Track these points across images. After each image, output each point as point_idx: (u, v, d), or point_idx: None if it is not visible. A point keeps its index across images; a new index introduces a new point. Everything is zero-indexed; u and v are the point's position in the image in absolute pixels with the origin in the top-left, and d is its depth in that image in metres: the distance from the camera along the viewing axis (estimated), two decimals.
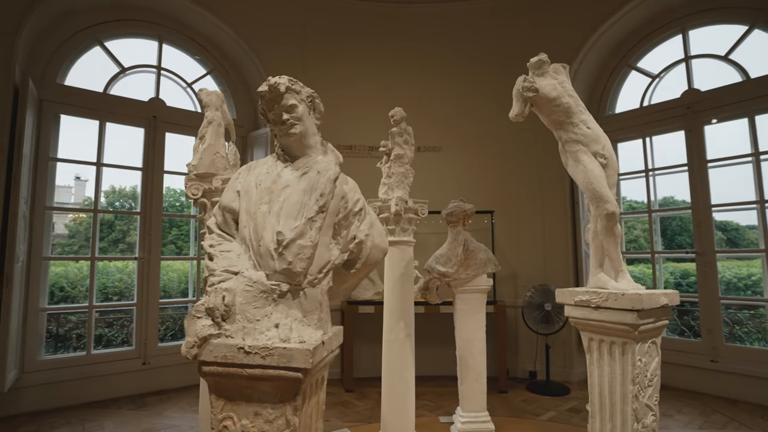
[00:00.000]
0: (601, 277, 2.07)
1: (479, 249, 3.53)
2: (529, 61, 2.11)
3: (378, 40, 6.22)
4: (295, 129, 1.42)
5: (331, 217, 1.40)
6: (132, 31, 5.33)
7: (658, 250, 5.73)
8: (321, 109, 1.56)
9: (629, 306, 1.81)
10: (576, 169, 2.03)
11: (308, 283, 1.32)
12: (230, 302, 1.27)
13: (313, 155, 1.46)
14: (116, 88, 5.25)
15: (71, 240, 12.11)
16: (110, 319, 7.16)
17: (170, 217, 9.44)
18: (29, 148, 4.44)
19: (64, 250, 13.07)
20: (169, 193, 10.19)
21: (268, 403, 1.25)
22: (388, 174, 2.65)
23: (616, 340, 1.91)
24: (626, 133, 5.84)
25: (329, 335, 1.37)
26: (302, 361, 1.19)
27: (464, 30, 6.24)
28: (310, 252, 1.30)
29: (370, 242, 1.44)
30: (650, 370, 1.93)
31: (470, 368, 3.41)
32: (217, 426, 1.27)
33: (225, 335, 1.26)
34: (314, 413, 1.38)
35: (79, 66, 5.00)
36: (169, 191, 9.83)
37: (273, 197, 1.36)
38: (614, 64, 5.95)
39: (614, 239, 2.04)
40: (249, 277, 1.30)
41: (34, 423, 4.25)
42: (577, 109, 2.05)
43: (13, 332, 4.22)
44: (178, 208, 10.04)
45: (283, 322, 1.28)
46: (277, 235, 1.30)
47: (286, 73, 5.17)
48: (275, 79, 1.42)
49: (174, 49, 5.64)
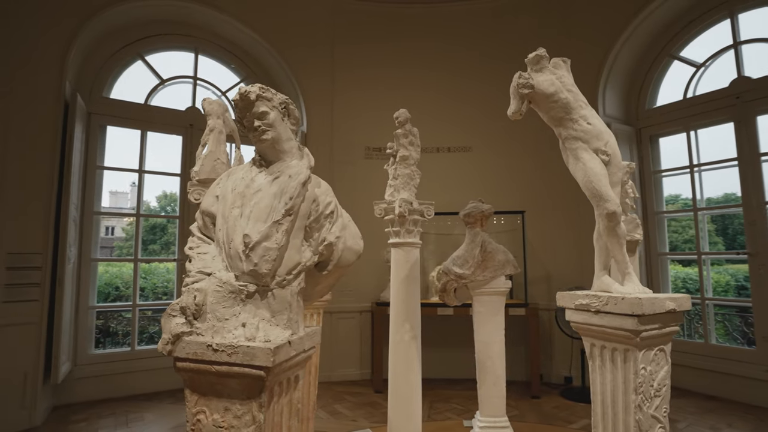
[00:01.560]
0: (605, 280, 1.97)
1: (497, 250, 3.45)
2: (526, 57, 2.04)
3: (406, 41, 6.23)
4: (267, 135, 1.46)
5: (302, 220, 1.44)
6: (170, 45, 5.64)
7: (706, 250, 5.35)
8: (296, 115, 1.60)
9: (629, 311, 1.72)
10: (576, 167, 1.95)
11: (277, 284, 1.36)
12: (201, 302, 1.34)
13: (287, 160, 1.50)
14: (156, 99, 5.57)
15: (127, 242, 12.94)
16: (159, 317, 7.60)
17: None
18: (78, 157, 4.80)
19: (122, 252, 14.03)
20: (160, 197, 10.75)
21: (236, 399, 1.30)
22: (394, 176, 2.65)
23: (617, 347, 1.81)
24: (669, 127, 5.50)
25: (300, 335, 1.40)
26: (264, 359, 1.23)
27: (491, 29, 6.12)
28: (275, 254, 1.33)
29: (342, 244, 1.46)
30: (657, 379, 1.81)
31: (488, 372, 3.34)
32: (192, 419, 1.34)
33: (196, 333, 1.32)
34: (286, 411, 1.41)
35: (123, 79, 5.36)
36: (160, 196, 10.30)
37: (245, 201, 1.41)
38: (654, 54, 5.62)
39: (617, 240, 1.93)
40: (220, 278, 1.36)
41: (84, 412, 4.58)
42: (577, 104, 1.96)
43: (66, 328, 4.58)
44: (172, 211, 10.51)
45: (250, 322, 1.32)
46: (244, 237, 1.34)
47: (315, 77, 5.32)
48: (246, 87, 1.47)
49: (209, 59, 5.91)
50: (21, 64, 4.33)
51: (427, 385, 5.72)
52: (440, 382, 5.78)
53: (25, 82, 4.34)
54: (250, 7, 5.68)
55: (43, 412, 4.34)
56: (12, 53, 4.29)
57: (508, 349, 5.87)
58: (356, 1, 6.17)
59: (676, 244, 14.21)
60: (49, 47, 4.49)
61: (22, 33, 4.35)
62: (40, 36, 4.45)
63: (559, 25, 5.83)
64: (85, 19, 4.72)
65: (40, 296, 4.34)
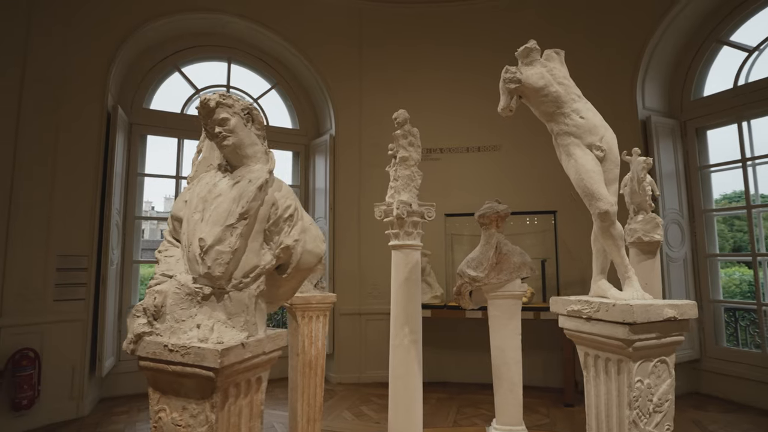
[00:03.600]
0: (602, 285, 1.83)
1: (513, 252, 3.32)
2: (516, 51, 1.95)
3: (432, 42, 6.16)
4: (228, 141, 1.49)
5: (261, 223, 1.45)
6: (204, 56, 5.90)
7: (762, 251, 4.88)
8: (260, 120, 1.62)
9: (620, 318, 1.59)
10: (568, 163, 1.83)
11: (233, 286, 1.38)
12: (160, 303, 1.38)
13: (251, 165, 1.52)
14: (192, 108, 5.84)
15: None
16: None
17: None
18: (120, 165, 5.12)
19: None
20: None
21: (192, 398, 1.33)
22: (395, 177, 2.61)
23: (611, 357, 1.68)
24: (717, 118, 5.07)
25: (258, 338, 1.41)
26: (212, 360, 1.25)
27: (518, 26, 5.91)
28: (228, 257, 1.35)
29: (301, 248, 1.46)
30: (658, 393, 1.66)
31: (503, 378, 3.22)
32: (154, 417, 1.38)
33: (156, 333, 1.36)
34: (246, 413, 1.42)
35: (162, 91, 5.66)
36: None
37: (206, 206, 1.44)
38: (700, 40, 5.21)
39: (613, 242, 1.79)
40: (179, 280, 1.40)
41: (126, 405, 4.87)
42: (569, 97, 1.84)
43: (110, 326, 4.89)
44: None
45: (205, 323, 1.35)
46: (199, 241, 1.37)
47: (342, 81, 5.35)
48: (207, 95, 1.50)
49: (241, 67, 6.13)
50: (66, 81, 4.68)
51: (458, 390, 5.62)
52: (472, 387, 5.66)
53: (70, 98, 4.69)
54: (279, 15, 5.83)
55: (90, 403, 4.66)
56: (58, 72, 4.64)
57: (541, 355, 5.68)
58: (383, 4, 6.17)
59: (741, 244, 13.06)
60: (92, 65, 4.83)
61: (66, 53, 4.70)
62: (83, 56, 4.79)
63: (592, 15, 5.54)
64: (125, 36, 5.03)
65: (86, 295, 4.66)
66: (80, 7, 4.80)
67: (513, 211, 5.84)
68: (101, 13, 4.91)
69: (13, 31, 4.46)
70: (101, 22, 4.91)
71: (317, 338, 2.85)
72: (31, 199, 4.42)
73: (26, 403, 4.19)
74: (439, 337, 5.86)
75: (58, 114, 4.61)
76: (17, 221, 4.34)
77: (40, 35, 4.57)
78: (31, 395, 4.22)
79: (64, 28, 4.70)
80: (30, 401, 4.21)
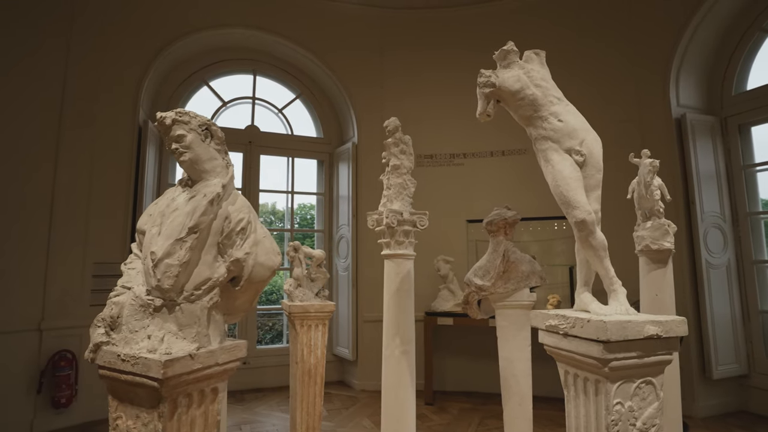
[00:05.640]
0: (584, 298, 1.71)
1: (522, 260, 3.19)
2: (494, 53, 1.87)
3: (453, 46, 6.08)
4: (184, 156, 1.53)
5: (214, 236, 1.47)
6: (230, 69, 6.11)
7: None
8: (219, 135, 1.64)
9: (594, 336, 1.47)
10: (546, 170, 1.73)
11: (184, 298, 1.41)
12: (116, 314, 1.43)
13: (210, 179, 1.54)
14: (219, 120, 6.06)
15: None
16: None
17: None
18: (151, 177, 5.38)
19: None
20: (264, 209, 11.45)
21: (143, 407, 1.37)
22: (387, 185, 2.58)
23: (589, 376, 1.56)
24: (763, 113, 4.68)
25: (210, 349, 1.42)
26: (156, 371, 1.28)
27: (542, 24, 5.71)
28: (177, 270, 1.38)
29: (252, 260, 1.47)
30: (642, 418, 1.52)
31: (512, 391, 3.09)
32: (112, 423, 1.43)
33: (112, 343, 1.41)
34: (200, 423, 1.44)
35: (191, 104, 5.92)
36: (263, 207, 10.90)
37: (164, 219, 1.48)
38: (741, 30, 4.83)
39: (594, 252, 1.67)
40: (134, 292, 1.44)
41: None
42: (546, 100, 1.74)
43: None
44: (273, 223, 11.16)
45: (155, 334, 1.38)
46: (150, 254, 1.41)
47: (364, 88, 5.37)
48: (162, 114, 1.55)
49: (266, 79, 6.30)
50: (101, 97, 4.97)
51: (482, 400, 5.46)
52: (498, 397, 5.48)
53: (104, 114, 4.99)
54: (301, 27, 5.95)
55: None
56: (93, 88, 4.95)
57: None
58: (402, 11, 6.16)
59: None
60: (125, 81, 5.12)
61: (102, 71, 5.00)
62: (117, 73, 5.08)
63: (621, 8, 5.26)
64: (156, 53, 5.30)
65: None
66: (114, 27, 5.10)
67: (539, 217, 5.70)
68: (134, 31, 5.20)
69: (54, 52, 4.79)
70: (134, 40, 5.19)
71: (316, 346, 2.85)
72: (69, 212, 4.72)
73: (65, 401, 4.47)
74: (463, 345, 5.74)
75: (93, 128, 4.90)
76: (57, 233, 4.64)
77: (78, 53, 4.88)
78: (69, 394, 4.50)
79: (100, 47, 5.01)
80: (68, 400, 4.49)
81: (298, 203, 10.95)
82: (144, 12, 5.27)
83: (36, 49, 4.67)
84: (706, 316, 4.62)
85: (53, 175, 4.68)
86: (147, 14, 5.28)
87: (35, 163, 4.60)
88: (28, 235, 4.52)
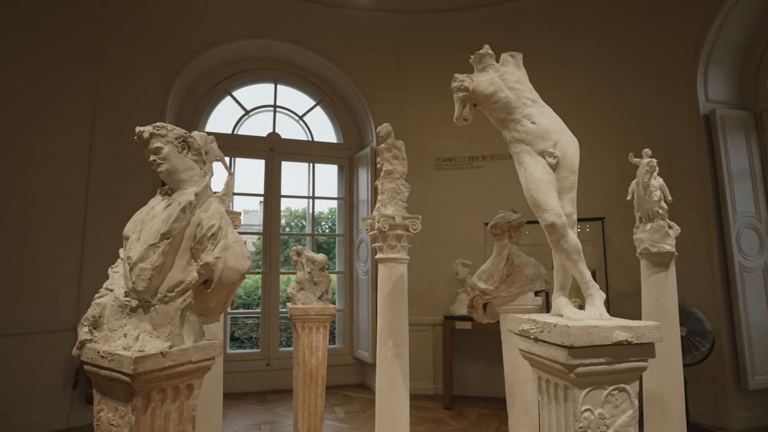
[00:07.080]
0: (559, 302, 1.67)
1: (526, 264, 3.14)
2: (470, 57, 1.87)
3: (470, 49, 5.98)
4: (161, 167, 1.62)
5: (188, 242, 1.56)
6: (252, 79, 6.31)
7: None
8: (196, 146, 1.72)
9: (559, 341, 1.44)
10: (519, 173, 1.71)
11: (158, 300, 1.50)
12: (98, 314, 1.54)
13: (186, 188, 1.63)
14: (242, 128, 6.27)
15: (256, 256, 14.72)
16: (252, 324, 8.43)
17: (287, 236, 10.32)
18: None
19: None
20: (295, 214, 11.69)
21: (120, 400, 1.47)
22: (381, 191, 2.60)
23: (559, 382, 1.52)
24: None
25: (183, 347, 1.51)
26: (127, 367, 1.37)
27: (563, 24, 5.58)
28: (150, 273, 1.47)
29: (222, 264, 1.54)
30: (614, 426, 1.47)
31: (517, 397, 3.04)
32: (96, 415, 1.54)
33: (94, 341, 1.51)
34: (175, 417, 1.53)
35: (215, 114, 6.15)
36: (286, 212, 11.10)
37: (143, 226, 1.59)
38: None
39: (567, 255, 1.63)
40: (115, 294, 1.55)
41: None
42: (519, 102, 1.71)
43: None
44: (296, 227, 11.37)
45: (131, 333, 1.48)
46: (127, 259, 1.51)
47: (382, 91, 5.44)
48: (141, 128, 1.65)
49: (287, 87, 6.46)
50: (129, 108, 5.25)
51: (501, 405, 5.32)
52: None
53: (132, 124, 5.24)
54: (319, 34, 6.06)
55: None
56: (121, 100, 5.25)
57: None
58: (419, 15, 6.17)
59: None
60: (151, 93, 5.39)
61: (129, 83, 5.30)
62: (144, 85, 5.37)
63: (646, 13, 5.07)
64: (182, 65, 5.54)
65: None
66: (141, 40, 5.37)
67: None
68: (160, 45, 5.46)
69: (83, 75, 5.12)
70: (160, 53, 5.46)
71: (317, 348, 2.91)
72: (102, 218, 5.01)
73: None
74: (482, 349, 5.66)
75: (122, 139, 5.19)
76: (90, 237, 4.95)
77: (108, 65, 5.19)
78: None
79: (128, 59, 5.30)
80: None
81: (327, 208, 11.09)
82: (169, 29, 5.53)
83: (70, 67, 5.02)
84: (741, 323, 4.37)
85: (86, 181, 4.98)
86: (171, 31, 5.54)
87: (70, 171, 4.92)
88: (64, 238, 4.83)
